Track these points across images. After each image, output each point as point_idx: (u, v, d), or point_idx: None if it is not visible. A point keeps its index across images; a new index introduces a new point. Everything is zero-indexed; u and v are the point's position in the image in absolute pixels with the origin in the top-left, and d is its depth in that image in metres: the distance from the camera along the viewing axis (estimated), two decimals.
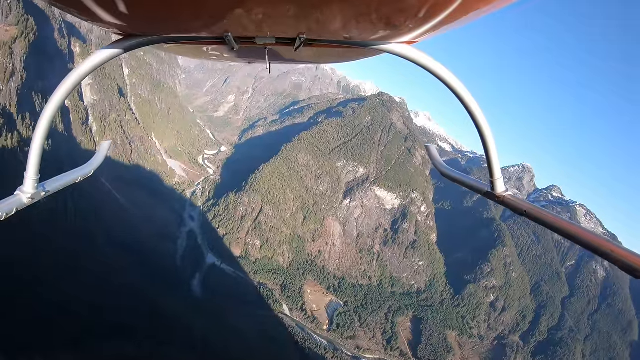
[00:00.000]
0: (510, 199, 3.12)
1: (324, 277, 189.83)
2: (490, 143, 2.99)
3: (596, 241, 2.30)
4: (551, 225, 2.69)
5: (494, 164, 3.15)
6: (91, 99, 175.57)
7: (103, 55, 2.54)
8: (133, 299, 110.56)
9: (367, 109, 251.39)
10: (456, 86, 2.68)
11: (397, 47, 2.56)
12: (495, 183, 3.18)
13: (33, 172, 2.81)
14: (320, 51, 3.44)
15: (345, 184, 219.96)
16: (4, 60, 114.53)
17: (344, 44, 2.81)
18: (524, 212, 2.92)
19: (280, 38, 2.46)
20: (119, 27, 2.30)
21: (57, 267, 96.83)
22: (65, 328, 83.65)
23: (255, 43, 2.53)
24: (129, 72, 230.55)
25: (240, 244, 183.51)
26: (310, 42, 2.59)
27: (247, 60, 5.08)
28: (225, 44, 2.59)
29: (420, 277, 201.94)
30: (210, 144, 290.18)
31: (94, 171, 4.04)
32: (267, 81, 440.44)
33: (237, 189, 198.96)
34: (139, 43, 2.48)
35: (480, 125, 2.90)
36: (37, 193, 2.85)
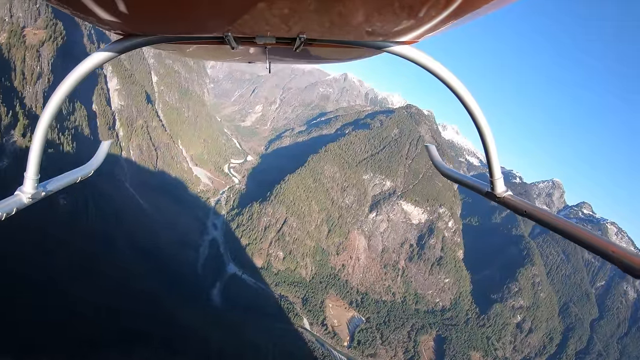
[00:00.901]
0: (510, 199, 3.11)
1: (347, 291, 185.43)
2: (490, 143, 3.01)
3: (596, 241, 2.32)
4: (551, 225, 2.70)
5: (494, 164, 3.13)
6: (118, 104, 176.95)
7: (103, 55, 2.54)
8: (150, 305, 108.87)
9: (395, 122, 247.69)
10: (456, 86, 2.71)
11: (397, 47, 2.57)
12: (496, 183, 3.16)
13: (33, 172, 2.68)
14: (320, 51, 3.45)
15: (372, 197, 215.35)
16: (32, 63, 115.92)
17: (344, 44, 2.83)
18: (524, 212, 2.92)
19: (280, 38, 2.44)
20: (119, 27, 2.30)
21: (73, 269, 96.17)
22: (78, 331, 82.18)
23: (255, 43, 2.52)
24: (157, 80, 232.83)
25: (262, 254, 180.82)
26: (310, 42, 2.58)
27: (247, 60, 4.80)
28: (225, 44, 2.59)
29: (446, 294, 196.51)
30: (237, 153, 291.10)
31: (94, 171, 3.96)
32: (294, 92, 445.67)
33: (262, 199, 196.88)
34: (139, 43, 2.46)
35: (480, 125, 2.91)
36: (37, 193, 2.75)
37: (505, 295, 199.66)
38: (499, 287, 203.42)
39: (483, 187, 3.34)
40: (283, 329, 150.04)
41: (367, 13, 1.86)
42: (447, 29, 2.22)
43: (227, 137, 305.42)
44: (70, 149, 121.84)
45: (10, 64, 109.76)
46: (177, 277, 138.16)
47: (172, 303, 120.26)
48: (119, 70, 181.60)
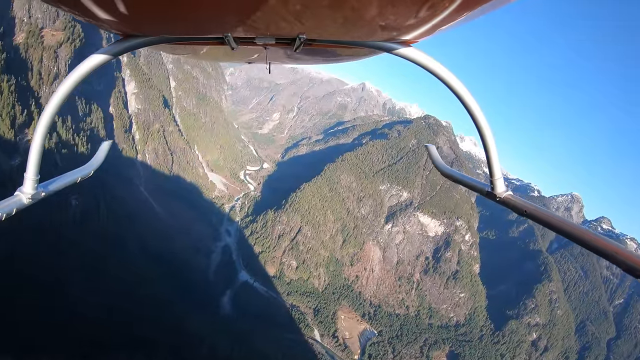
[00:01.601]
0: (510, 199, 3.14)
1: (360, 303, 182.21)
2: (491, 143, 3.02)
3: (599, 242, 2.31)
4: (552, 225, 2.71)
5: (494, 164, 3.14)
6: (136, 108, 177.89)
7: (103, 55, 2.52)
8: (158, 310, 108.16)
9: (413, 132, 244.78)
10: (456, 86, 2.72)
11: (397, 47, 2.58)
12: (496, 183, 3.19)
13: (33, 172, 2.71)
14: (319, 51, 3.46)
15: (388, 208, 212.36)
16: (49, 63, 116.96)
17: (343, 44, 2.88)
18: (524, 212, 2.95)
19: (280, 38, 2.48)
20: (119, 28, 2.29)
21: (82, 270, 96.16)
22: (83, 333, 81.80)
23: (255, 43, 2.55)
24: (175, 85, 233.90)
25: (275, 263, 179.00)
26: (309, 42, 2.59)
27: (247, 60, 4.86)
28: (225, 44, 2.60)
29: (460, 309, 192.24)
30: (253, 160, 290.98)
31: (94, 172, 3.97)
32: (312, 101, 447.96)
33: (277, 207, 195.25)
34: (139, 43, 2.46)
35: (480, 125, 2.94)
36: (36, 194, 2.75)
37: (521, 312, 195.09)
38: (515, 303, 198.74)
39: (483, 187, 3.35)
40: (293, 339, 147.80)
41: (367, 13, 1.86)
42: (447, 29, 2.22)
43: (244, 144, 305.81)
44: (85, 150, 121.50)
45: (27, 63, 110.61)
46: (187, 283, 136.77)
47: (181, 309, 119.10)
48: (137, 74, 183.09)
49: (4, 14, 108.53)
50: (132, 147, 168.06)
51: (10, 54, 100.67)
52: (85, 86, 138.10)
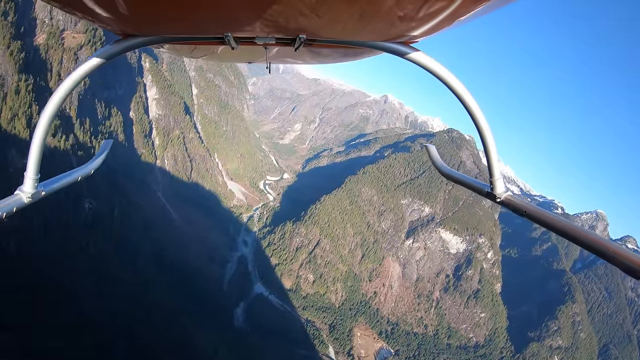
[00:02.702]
0: (510, 199, 3.12)
1: (377, 321, 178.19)
2: (490, 143, 3.00)
3: (597, 242, 2.31)
4: (551, 225, 2.69)
5: (493, 164, 3.11)
6: (156, 114, 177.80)
7: (103, 55, 2.56)
8: (165, 319, 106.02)
9: (435, 146, 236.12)
10: (456, 86, 2.73)
11: (397, 47, 2.61)
12: (495, 183, 3.15)
13: (33, 171, 2.73)
14: (320, 51, 3.51)
15: (409, 223, 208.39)
16: (69, 65, 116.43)
17: (343, 44, 2.90)
18: (524, 213, 2.92)
19: (280, 38, 2.52)
20: (119, 27, 2.34)
21: (90, 273, 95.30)
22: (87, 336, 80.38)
23: (255, 43, 2.59)
24: (197, 92, 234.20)
25: (292, 276, 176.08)
26: (310, 42, 2.61)
27: (247, 60, 4.92)
28: (225, 44, 2.65)
29: (480, 330, 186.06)
30: (273, 170, 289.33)
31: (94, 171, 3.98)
32: (334, 112, 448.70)
33: (296, 219, 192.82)
34: (139, 43, 2.50)
35: (480, 126, 2.92)
36: (36, 193, 2.78)
37: (543, 334, 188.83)
38: (536, 325, 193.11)
39: (483, 188, 3.33)
40: (306, 356, 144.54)
41: (367, 13, 1.87)
42: (447, 29, 2.24)
43: (265, 154, 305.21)
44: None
45: (47, 64, 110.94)
46: (199, 292, 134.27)
47: (191, 319, 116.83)
48: (159, 80, 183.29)
49: (26, 14, 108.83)
50: (152, 153, 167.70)
51: (29, 54, 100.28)
52: (105, 90, 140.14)
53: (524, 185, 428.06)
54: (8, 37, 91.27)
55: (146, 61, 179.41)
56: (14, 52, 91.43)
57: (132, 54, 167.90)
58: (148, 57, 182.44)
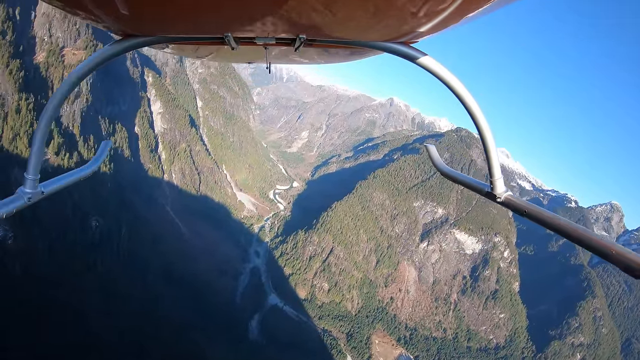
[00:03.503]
0: (510, 199, 3.10)
1: (395, 327, 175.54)
2: (490, 143, 2.98)
3: (597, 241, 2.32)
4: (552, 225, 2.68)
5: (493, 164, 3.09)
6: (162, 128, 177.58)
7: (103, 55, 2.56)
8: (176, 334, 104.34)
9: (445, 145, 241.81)
10: (456, 86, 2.73)
11: (397, 47, 2.61)
12: (495, 183, 3.12)
13: (33, 172, 2.78)
14: (320, 51, 3.50)
15: (423, 226, 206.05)
16: None
17: (343, 44, 2.92)
18: (524, 213, 2.90)
19: (280, 38, 2.53)
20: (119, 28, 2.35)
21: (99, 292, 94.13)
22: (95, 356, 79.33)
23: (255, 43, 2.63)
24: (202, 104, 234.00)
25: (306, 285, 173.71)
26: (310, 42, 2.64)
27: (247, 60, 4.86)
28: (225, 44, 2.65)
29: (500, 331, 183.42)
30: (282, 179, 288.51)
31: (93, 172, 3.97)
32: (340, 118, 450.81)
33: (307, 227, 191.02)
34: (139, 43, 2.51)
35: (480, 126, 2.90)
36: (36, 193, 2.83)
37: (564, 332, 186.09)
38: (557, 323, 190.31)
39: (483, 188, 3.30)
40: None
41: (367, 13, 1.88)
42: (447, 28, 2.25)
43: (273, 163, 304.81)
44: (108, 169, 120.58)
45: (47, 82, 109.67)
46: (211, 306, 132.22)
47: (203, 334, 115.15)
48: (163, 94, 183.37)
49: (24, 33, 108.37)
50: (158, 167, 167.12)
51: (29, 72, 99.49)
52: (109, 106, 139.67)
53: (536, 181, 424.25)
54: (7, 56, 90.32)
55: (149, 75, 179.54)
56: (13, 71, 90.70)
57: (134, 68, 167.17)
58: (151, 72, 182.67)
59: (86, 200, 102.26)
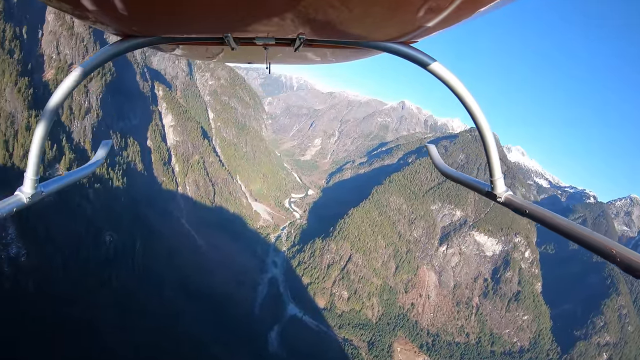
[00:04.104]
0: (511, 199, 3.10)
1: (417, 333, 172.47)
2: (490, 142, 3.00)
3: (597, 241, 2.32)
4: (552, 225, 2.72)
5: (494, 164, 3.09)
6: (174, 140, 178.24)
7: (103, 55, 2.57)
8: (195, 349, 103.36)
9: (459, 146, 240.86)
10: (456, 86, 2.74)
11: (397, 46, 2.61)
12: (496, 183, 3.12)
13: (32, 172, 2.71)
14: (320, 51, 3.52)
15: (441, 229, 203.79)
16: (79, 98, 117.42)
17: (343, 44, 2.92)
18: (525, 212, 2.92)
19: (280, 38, 2.52)
20: (119, 28, 2.36)
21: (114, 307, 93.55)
22: None
23: (255, 43, 2.63)
24: (213, 116, 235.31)
25: (325, 294, 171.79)
26: (310, 42, 2.65)
27: (247, 60, 4.83)
28: (224, 45, 2.66)
29: (524, 333, 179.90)
30: (297, 187, 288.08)
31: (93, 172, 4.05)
32: (353, 123, 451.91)
33: (325, 235, 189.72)
34: (139, 43, 2.52)
35: (480, 125, 2.94)
36: (36, 194, 2.74)
37: (589, 331, 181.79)
38: (581, 322, 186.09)
39: (483, 187, 3.31)
40: None
41: (367, 13, 1.88)
42: (447, 28, 2.24)
43: (287, 172, 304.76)
44: (120, 184, 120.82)
45: None
46: (230, 318, 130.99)
47: (223, 348, 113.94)
48: (174, 107, 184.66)
49: (32, 51, 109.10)
50: (172, 180, 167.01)
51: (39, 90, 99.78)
52: (120, 121, 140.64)
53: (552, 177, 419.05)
54: (15, 74, 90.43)
55: (159, 89, 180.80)
56: (22, 89, 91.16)
57: (144, 82, 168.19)
58: (161, 85, 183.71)
59: (100, 216, 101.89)
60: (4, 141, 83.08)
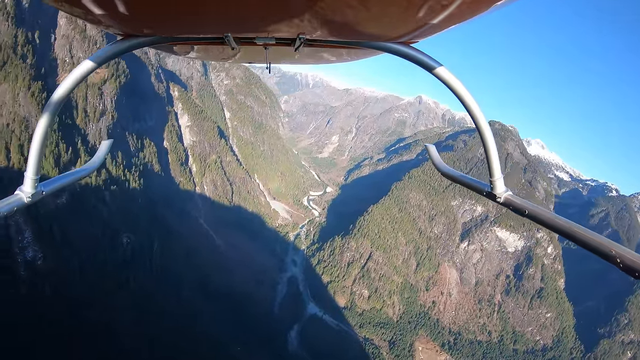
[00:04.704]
0: (510, 199, 3.16)
1: (438, 332, 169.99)
2: (490, 142, 3.04)
3: (597, 241, 2.32)
4: (552, 225, 2.71)
5: (494, 164, 3.15)
6: (190, 141, 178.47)
7: (104, 55, 2.58)
8: (213, 349, 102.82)
9: (478, 141, 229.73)
10: (456, 86, 2.76)
11: (398, 47, 2.63)
12: (496, 183, 3.18)
13: (32, 172, 2.70)
14: (320, 51, 3.54)
15: (462, 225, 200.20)
16: (94, 101, 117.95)
17: (344, 44, 2.93)
18: (524, 213, 2.97)
19: (280, 38, 2.53)
20: (119, 28, 2.34)
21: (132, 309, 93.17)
22: None
23: (255, 43, 2.65)
24: (230, 115, 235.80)
25: (345, 293, 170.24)
26: (310, 42, 2.67)
27: (247, 60, 4.86)
28: (225, 44, 2.69)
29: (547, 331, 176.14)
30: (316, 185, 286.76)
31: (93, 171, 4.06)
32: (370, 120, 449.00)
33: (344, 233, 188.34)
34: (139, 43, 2.52)
35: (480, 125, 2.96)
36: (36, 193, 2.75)
37: (613, 329, 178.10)
38: (605, 320, 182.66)
39: (483, 188, 3.37)
40: None
41: (367, 13, 1.88)
42: (448, 28, 2.25)
43: (305, 170, 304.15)
44: (137, 185, 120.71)
45: (71, 102, 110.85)
46: (249, 318, 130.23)
47: (243, 348, 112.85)
48: (189, 107, 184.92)
49: (45, 56, 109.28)
50: (190, 180, 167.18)
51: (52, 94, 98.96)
52: (135, 123, 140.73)
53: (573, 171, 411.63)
54: (28, 79, 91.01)
55: (175, 90, 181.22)
56: (35, 94, 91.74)
57: (159, 83, 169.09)
58: (176, 86, 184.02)
59: (116, 217, 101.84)
60: (18, 145, 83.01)
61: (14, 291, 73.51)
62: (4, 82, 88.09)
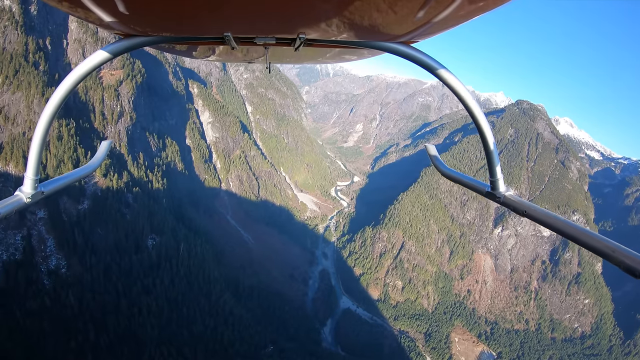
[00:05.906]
0: (510, 199, 3.07)
1: (474, 322, 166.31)
2: (490, 142, 3.00)
3: (596, 241, 2.33)
4: (551, 225, 2.67)
5: (494, 164, 3.09)
6: (213, 137, 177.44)
7: (104, 55, 2.53)
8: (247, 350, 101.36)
9: (508, 121, 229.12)
10: (456, 86, 2.75)
11: (398, 46, 2.64)
12: (496, 183, 3.12)
13: (32, 172, 2.71)
14: (320, 51, 3.59)
15: (495, 210, 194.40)
16: (111, 103, 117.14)
17: (344, 44, 2.91)
18: (524, 212, 2.88)
19: (280, 38, 2.56)
20: (119, 28, 2.33)
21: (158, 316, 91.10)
22: None
23: (255, 43, 2.63)
24: (252, 109, 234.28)
25: (378, 285, 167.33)
26: (310, 41, 2.68)
27: (247, 60, 4.89)
28: (225, 44, 2.70)
29: (585, 318, 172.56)
30: (342, 175, 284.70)
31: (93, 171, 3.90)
32: (393, 106, 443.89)
33: (375, 223, 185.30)
34: (139, 43, 2.52)
35: (480, 125, 2.92)
36: (36, 194, 2.75)
37: None
38: None
39: (483, 187, 3.31)
40: None
41: (367, 13, 1.90)
42: (448, 28, 2.28)
43: (331, 160, 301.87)
44: (161, 185, 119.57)
45: (88, 106, 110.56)
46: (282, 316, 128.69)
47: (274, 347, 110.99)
48: (210, 104, 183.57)
49: (59, 61, 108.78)
50: (215, 177, 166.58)
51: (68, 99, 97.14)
52: (155, 122, 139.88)
53: (604, 149, 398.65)
54: (41, 86, 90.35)
55: (194, 87, 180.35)
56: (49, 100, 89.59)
57: (177, 81, 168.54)
58: (195, 83, 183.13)
59: (140, 220, 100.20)
60: None
61: (39, 303, 72.00)
62: (18, 91, 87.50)
